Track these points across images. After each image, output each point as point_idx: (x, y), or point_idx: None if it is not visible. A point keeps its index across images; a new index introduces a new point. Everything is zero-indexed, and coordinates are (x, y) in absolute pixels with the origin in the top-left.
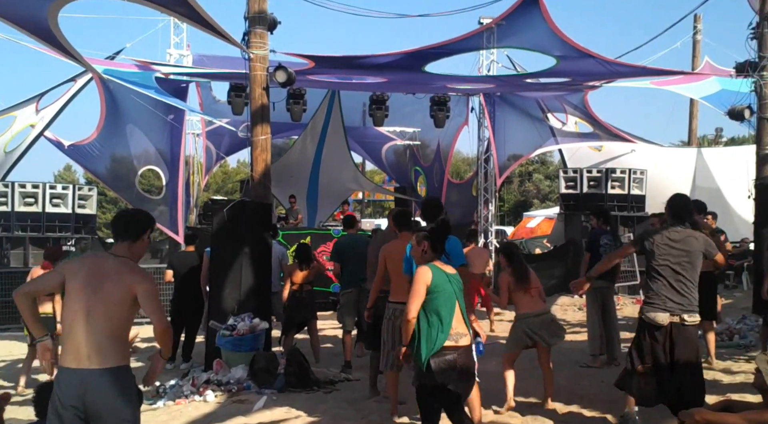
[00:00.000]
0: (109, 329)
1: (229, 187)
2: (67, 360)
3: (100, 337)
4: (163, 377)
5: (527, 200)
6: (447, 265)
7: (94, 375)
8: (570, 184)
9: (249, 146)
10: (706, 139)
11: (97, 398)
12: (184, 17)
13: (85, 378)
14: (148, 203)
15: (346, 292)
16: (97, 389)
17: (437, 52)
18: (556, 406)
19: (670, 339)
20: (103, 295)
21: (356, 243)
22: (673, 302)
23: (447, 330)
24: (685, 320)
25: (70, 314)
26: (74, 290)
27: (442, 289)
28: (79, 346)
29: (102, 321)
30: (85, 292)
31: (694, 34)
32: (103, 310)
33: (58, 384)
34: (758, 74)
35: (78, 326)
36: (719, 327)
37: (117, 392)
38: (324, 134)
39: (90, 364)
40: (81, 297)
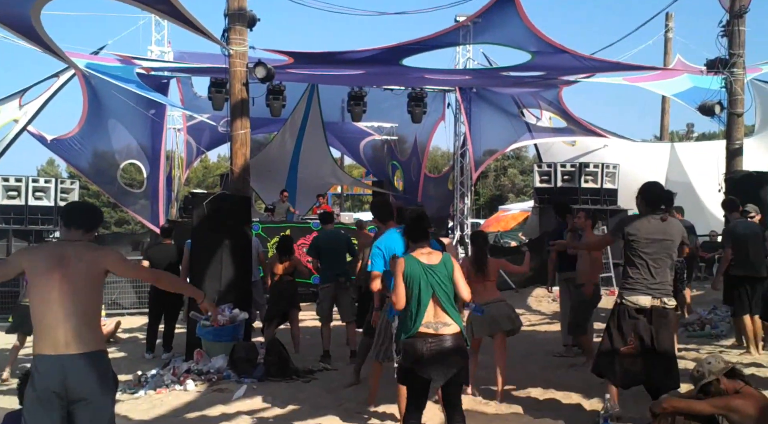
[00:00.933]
0: (83, 314)
1: (209, 181)
2: (44, 347)
3: (76, 323)
4: (143, 366)
5: (502, 194)
6: (433, 253)
7: (74, 360)
8: (544, 178)
9: (229, 141)
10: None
11: (79, 382)
12: (165, 15)
13: (66, 364)
14: (130, 197)
15: (324, 286)
16: (78, 373)
17: (414, 47)
18: (531, 394)
19: (651, 322)
20: (72, 280)
21: (333, 238)
22: (654, 286)
23: (420, 319)
24: (666, 303)
25: (41, 303)
26: (40, 280)
27: (415, 279)
28: (55, 333)
29: (75, 307)
30: (53, 280)
31: (666, 31)
32: (74, 295)
33: (37, 372)
34: (728, 71)
35: (52, 313)
36: (691, 317)
37: (97, 376)
38: (303, 129)
39: (68, 349)
40: (49, 285)
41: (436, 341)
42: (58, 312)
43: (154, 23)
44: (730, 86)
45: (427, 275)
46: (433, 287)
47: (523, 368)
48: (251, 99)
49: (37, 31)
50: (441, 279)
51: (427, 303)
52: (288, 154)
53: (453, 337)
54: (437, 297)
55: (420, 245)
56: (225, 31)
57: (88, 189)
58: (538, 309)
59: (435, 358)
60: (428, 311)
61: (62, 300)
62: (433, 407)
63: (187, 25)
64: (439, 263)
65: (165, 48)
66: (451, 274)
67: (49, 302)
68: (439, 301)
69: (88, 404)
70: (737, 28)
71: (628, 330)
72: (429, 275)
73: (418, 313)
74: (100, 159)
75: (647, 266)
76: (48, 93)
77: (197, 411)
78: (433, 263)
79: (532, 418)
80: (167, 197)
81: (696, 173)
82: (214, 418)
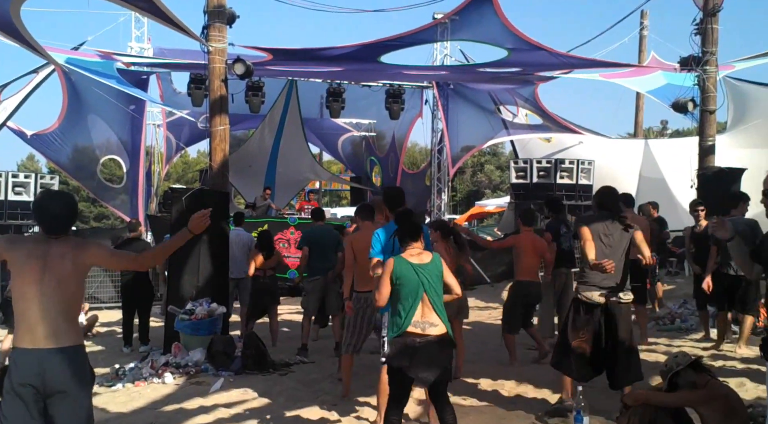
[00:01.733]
0: (63, 309)
1: (189, 176)
2: (23, 341)
3: (55, 317)
4: (121, 360)
5: (479, 190)
6: (423, 253)
7: (52, 354)
8: (520, 174)
9: (208, 137)
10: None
11: (56, 376)
12: (145, 11)
13: (44, 358)
14: (110, 192)
15: (313, 279)
16: (56, 367)
17: (393, 43)
18: (504, 387)
19: (605, 316)
20: (55, 276)
21: (324, 234)
22: (607, 283)
23: (409, 318)
24: (620, 299)
25: (24, 298)
26: (23, 275)
27: (405, 280)
28: (34, 327)
29: (55, 302)
30: (35, 276)
31: (641, 29)
32: (56, 291)
33: (15, 365)
34: (701, 68)
35: (32, 307)
36: (661, 311)
37: (74, 370)
38: (282, 125)
39: (47, 344)
40: (31, 280)
41: (422, 341)
42: (40, 308)
43: (134, 20)
44: (703, 84)
45: (418, 274)
46: (423, 286)
47: (498, 361)
48: (230, 95)
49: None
50: (431, 279)
51: (417, 303)
52: (267, 150)
53: (439, 337)
54: (426, 297)
55: (411, 245)
56: (204, 28)
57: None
58: None
59: (422, 358)
60: (417, 311)
61: (44, 296)
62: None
63: (166, 22)
64: (430, 263)
65: (145, 44)
66: (441, 273)
67: (32, 298)
68: (428, 301)
69: (65, 397)
70: (710, 26)
71: (582, 325)
72: (420, 275)
73: (407, 313)
74: (80, 154)
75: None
76: (27, 88)
77: (175, 404)
78: (424, 262)
79: (505, 411)
80: (147, 192)
81: (669, 169)
82: (191, 410)
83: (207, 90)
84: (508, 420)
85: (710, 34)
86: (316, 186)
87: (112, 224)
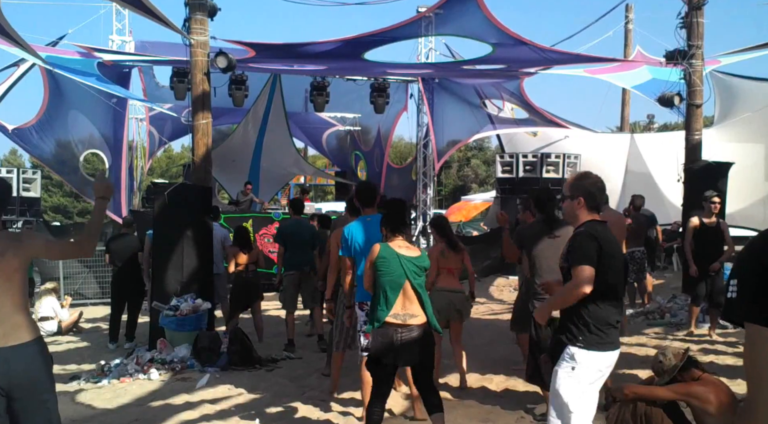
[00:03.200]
0: (18, 303)
1: (173, 171)
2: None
3: (12, 313)
4: (107, 356)
5: (465, 185)
6: (411, 248)
7: (16, 351)
8: (506, 168)
9: (191, 131)
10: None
11: (22, 373)
12: (126, 3)
13: (8, 355)
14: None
15: (289, 274)
16: (22, 364)
17: (376, 39)
18: (493, 381)
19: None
20: (2, 271)
21: (300, 227)
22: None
23: (389, 308)
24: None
25: None
26: None
27: (387, 268)
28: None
29: (9, 297)
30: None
31: (626, 23)
32: (6, 286)
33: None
34: (687, 62)
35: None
36: (651, 306)
37: (40, 363)
38: (266, 119)
39: (8, 341)
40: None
41: (403, 332)
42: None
43: (115, 12)
44: (689, 78)
45: (403, 265)
46: (407, 276)
47: (487, 355)
48: (213, 89)
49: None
50: (415, 271)
51: (398, 293)
52: (251, 144)
53: (420, 327)
54: (409, 288)
55: (397, 235)
56: (186, 21)
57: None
58: (500, 298)
59: (402, 347)
60: (398, 301)
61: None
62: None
63: (148, 15)
64: (417, 256)
65: (126, 37)
66: (426, 268)
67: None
68: (411, 292)
69: (33, 392)
70: (696, 20)
71: (544, 337)
72: (404, 266)
73: (387, 303)
74: (62, 149)
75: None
76: (8, 82)
77: (161, 400)
78: (410, 255)
79: (493, 405)
80: (130, 187)
81: (655, 164)
82: (177, 406)
83: (190, 83)
84: (496, 414)
85: (696, 28)
86: (301, 181)
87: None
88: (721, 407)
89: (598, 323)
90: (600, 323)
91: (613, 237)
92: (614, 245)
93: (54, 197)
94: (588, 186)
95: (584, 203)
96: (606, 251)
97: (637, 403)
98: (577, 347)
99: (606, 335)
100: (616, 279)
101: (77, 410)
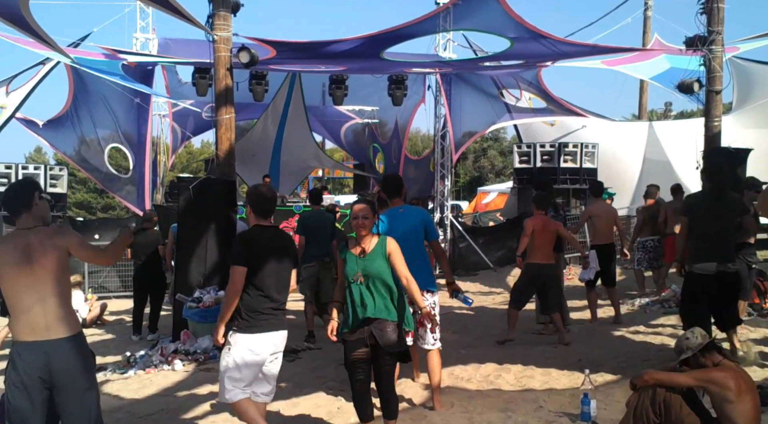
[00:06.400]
0: (58, 298)
1: (193, 166)
2: (24, 334)
3: (54, 308)
4: (132, 347)
5: (482, 175)
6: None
7: (56, 345)
8: (524, 158)
9: (213, 127)
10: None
11: (63, 366)
12: (150, 2)
13: (49, 349)
14: (117, 182)
15: (309, 266)
16: (62, 357)
17: (395, 35)
18: (511, 371)
19: None
20: (41, 267)
21: (320, 218)
22: None
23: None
24: None
25: (15, 292)
26: (11, 270)
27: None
28: (35, 319)
29: (50, 292)
30: (23, 269)
31: (645, 10)
32: (46, 281)
33: (20, 358)
34: (707, 48)
35: (28, 301)
36: (666, 294)
37: (79, 357)
38: (285, 114)
39: (50, 335)
40: (21, 275)
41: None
42: (33, 299)
43: (139, 10)
44: (708, 64)
45: (360, 268)
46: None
47: (503, 345)
48: (235, 84)
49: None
50: (375, 270)
51: (360, 297)
52: (271, 138)
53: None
54: (368, 289)
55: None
56: (209, 17)
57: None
58: None
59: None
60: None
61: (35, 287)
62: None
63: (172, 12)
64: (373, 252)
65: (150, 35)
66: (387, 260)
67: (23, 291)
68: (371, 293)
69: (73, 386)
70: (716, 5)
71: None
72: (361, 267)
73: (353, 307)
74: (87, 145)
75: None
76: (35, 80)
77: (186, 390)
78: (368, 252)
79: (511, 394)
80: (152, 183)
81: (673, 151)
82: (202, 396)
83: (211, 80)
84: (515, 403)
85: (716, 13)
86: (319, 174)
87: (117, 214)
88: (740, 393)
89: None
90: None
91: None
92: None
93: (78, 194)
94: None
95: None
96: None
97: (657, 389)
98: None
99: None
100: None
101: (105, 401)
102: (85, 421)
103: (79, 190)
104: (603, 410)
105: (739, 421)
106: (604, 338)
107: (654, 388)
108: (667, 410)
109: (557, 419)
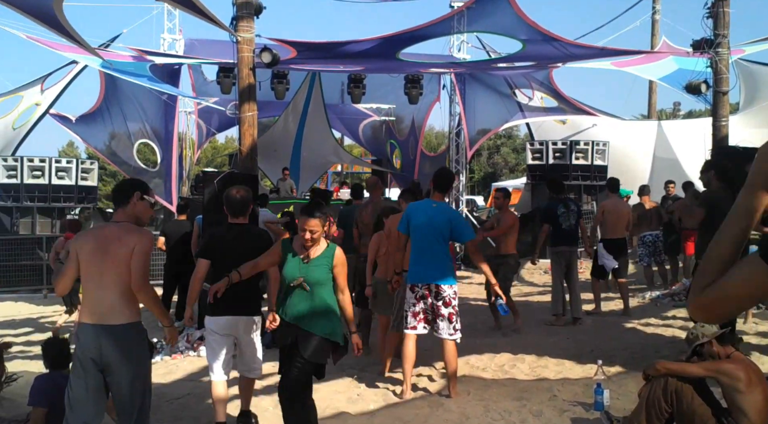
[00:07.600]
0: (119, 289)
1: (217, 161)
2: (85, 316)
3: (112, 297)
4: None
5: (496, 172)
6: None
7: (107, 330)
8: (536, 155)
9: (236, 124)
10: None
11: (111, 351)
12: (177, 4)
13: (100, 333)
14: (145, 175)
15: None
16: (111, 342)
17: (411, 36)
18: (525, 361)
19: None
20: (111, 258)
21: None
22: None
23: (287, 314)
24: None
25: (86, 277)
26: (87, 258)
27: (286, 280)
28: (95, 305)
29: (113, 282)
30: (96, 258)
31: (653, 13)
32: (113, 272)
33: (78, 338)
34: (714, 51)
35: (93, 287)
36: (677, 288)
37: (128, 346)
38: (305, 111)
39: (104, 320)
40: (93, 262)
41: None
42: (97, 285)
43: (166, 12)
44: (715, 66)
45: (300, 273)
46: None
47: (518, 336)
48: (258, 83)
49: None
50: (315, 279)
51: (293, 300)
52: (291, 134)
53: (307, 339)
54: (303, 295)
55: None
56: (233, 19)
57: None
58: (531, 281)
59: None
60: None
61: (103, 277)
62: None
63: (198, 14)
64: (317, 260)
65: (176, 36)
66: (331, 271)
67: (91, 277)
68: (305, 299)
69: (119, 372)
70: (722, 10)
71: None
72: (302, 273)
73: (284, 307)
74: (117, 140)
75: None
76: (68, 77)
77: None
78: (312, 259)
79: (526, 384)
80: (179, 176)
81: (682, 150)
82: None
83: (235, 79)
84: (530, 393)
85: (722, 17)
86: (338, 169)
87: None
88: (750, 384)
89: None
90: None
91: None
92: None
93: (108, 187)
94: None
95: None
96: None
97: (668, 380)
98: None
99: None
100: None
101: None
102: (128, 407)
103: (110, 183)
104: (616, 399)
105: (749, 411)
106: (616, 330)
107: (666, 378)
108: (679, 400)
109: (571, 408)
